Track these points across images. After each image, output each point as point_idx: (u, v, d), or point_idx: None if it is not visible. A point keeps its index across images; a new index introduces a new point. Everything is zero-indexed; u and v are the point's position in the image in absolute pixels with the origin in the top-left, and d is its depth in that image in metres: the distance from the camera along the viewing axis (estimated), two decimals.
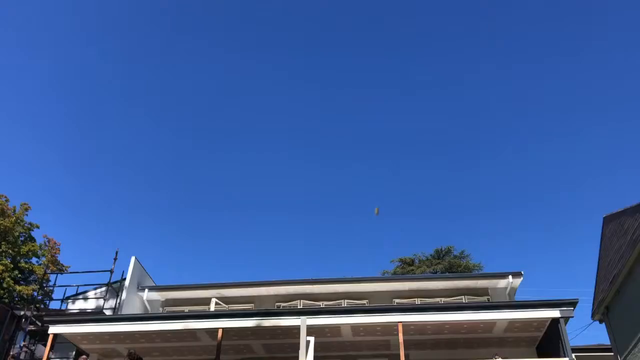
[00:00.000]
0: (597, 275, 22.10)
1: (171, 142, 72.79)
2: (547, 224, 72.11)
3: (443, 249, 44.15)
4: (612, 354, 22.31)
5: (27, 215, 31.38)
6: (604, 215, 20.77)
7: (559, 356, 13.19)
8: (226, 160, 75.43)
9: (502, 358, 13.78)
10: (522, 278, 17.79)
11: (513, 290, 18.22)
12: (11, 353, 19.19)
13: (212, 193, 78.72)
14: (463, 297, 18.11)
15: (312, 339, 14.12)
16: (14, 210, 30.80)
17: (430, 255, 44.19)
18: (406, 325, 14.08)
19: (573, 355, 12.99)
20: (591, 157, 69.66)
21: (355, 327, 14.77)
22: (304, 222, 78.03)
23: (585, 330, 53.90)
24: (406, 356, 13.61)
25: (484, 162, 74.37)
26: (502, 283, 18.03)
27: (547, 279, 70.51)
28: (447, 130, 71.93)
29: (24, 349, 18.48)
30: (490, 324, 14.48)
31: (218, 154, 74.38)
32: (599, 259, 21.88)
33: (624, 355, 20.40)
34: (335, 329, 14.83)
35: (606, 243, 20.92)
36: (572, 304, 13.58)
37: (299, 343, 13.89)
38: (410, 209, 76.59)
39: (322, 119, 72.98)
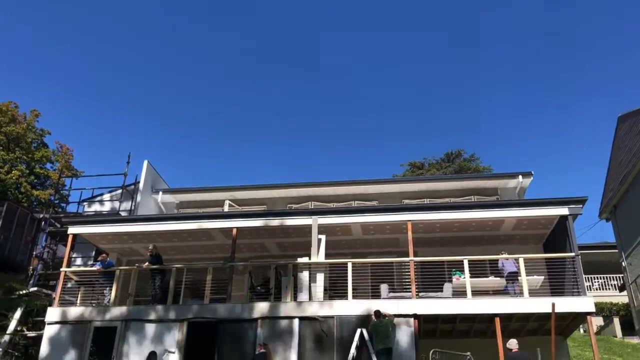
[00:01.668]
0: (607, 175, 22.15)
1: (181, 37, 71.34)
2: (559, 125, 71.51)
3: (453, 152, 44.15)
4: (616, 251, 22.84)
5: (37, 121, 31.59)
6: (619, 115, 20.45)
7: (565, 252, 13.45)
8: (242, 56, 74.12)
9: (508, 254, 14.11)
10: (532, 178, 17.73)
11: (522, 191, 18.25)
12: (34, 253, 19.99)
13: (221, 93, 78.16)
14: (472, 197, 18.20)
15: (323, 237, 14.50)
16: (25, 117, 30.93)
17: (440, 158, 44.27)
18: (415, 224, 14.32)
19: (579, 251, 13.22)
20: (607, 57, 67.63)
21: (365, 226, 15.07)
22: (316, 127, 77.90)
23: (590, 230, 54.94)
24: (415, 253, 13.95)
25: (497, 62, 72.58)
26: (511, 183, 18.04)
27: (557, 181, 71.01)
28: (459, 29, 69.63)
29: (46, 249, 19.18)
30: (499, 221, 14.68)
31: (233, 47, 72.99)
32: (610, 159, 21.83)
33: (628, 252, 20.89)
34: (346, 227, 15.16)
35: (619, 142, 20.76)
36: (581, 201, 13.64)
37: (310, 241, 14.28)
38: (422, 111, 75.95)
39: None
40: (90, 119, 73.12)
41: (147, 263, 14.57)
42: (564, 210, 13.70)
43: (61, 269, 14.92)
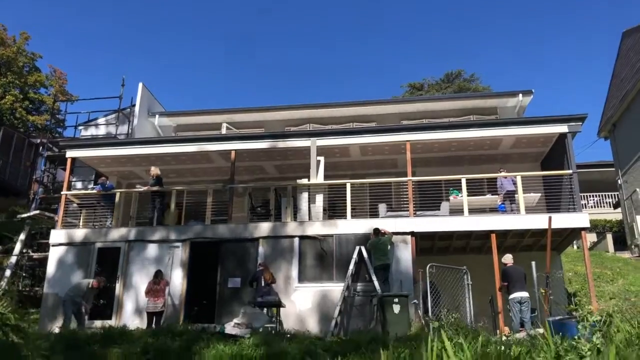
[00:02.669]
0: (608, 93, 21.89)
1: None
2: (560, 42, 69.93)
3: (453, 72, 43.48)
4: (612, 169, 23.00)
5: (27, 45, 30.76)
6: (624, 30, 19.93)
7: (563, 170, 13.50)
8: None
9: (507, 172, 14.16)
10: (532, 96, 17.47)
11: (522, 110, 18.03)
12: (34, 177, 20.09)
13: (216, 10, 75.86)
14: (471, 117, 18.03)
15: (322, 159, 14.51)
16: (14, 40, 30.09)
17: (440, 79, 43.64)
18: (413, 144, 14.27)
19: (576, 169, 13.27)
20: None
21: (363, 147, 15.05)
22: (315, 46, 76.16)
23: (587, 150, 55.13)
24: (413, 173, 14.01)
25: None
26: (511, 102, 17.80)
27: (556, 102, 70.38)
28: None
29: (46, 173, 19.24)
30: (497, 140, 14.64)
31: None
32: (612, 76, 21.50)
33: (624, 170, 21.03)
34: (345, 149, 15.15)
35: (622, 59, 20.37)
36: (581, 118, 13.53)
37: (309, 163, 14.30)
38: (423, 25, 74.07)
39: None
40: (80, 41, 71.29)
41: (148, 186, 14.63)
42: (563, 128, 13.62)
43: (62, 192, 15.04)
